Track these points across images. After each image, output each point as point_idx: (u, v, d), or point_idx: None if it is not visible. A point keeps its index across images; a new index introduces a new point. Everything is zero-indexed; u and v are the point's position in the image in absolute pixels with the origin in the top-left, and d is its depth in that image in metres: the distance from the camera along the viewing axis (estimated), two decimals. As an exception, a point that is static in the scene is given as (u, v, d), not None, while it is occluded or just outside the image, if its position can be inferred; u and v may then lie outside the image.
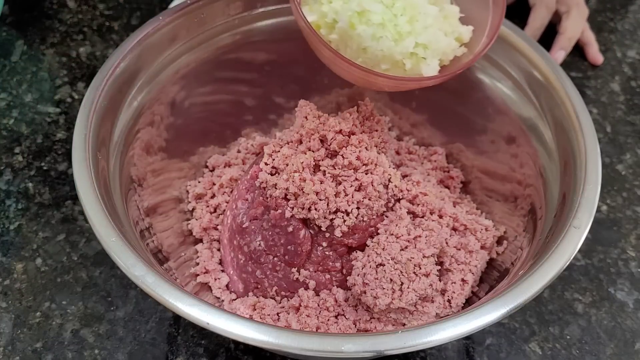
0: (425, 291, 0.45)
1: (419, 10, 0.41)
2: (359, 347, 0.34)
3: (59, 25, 0.74)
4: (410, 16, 0.41)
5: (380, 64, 0.42)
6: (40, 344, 0.50)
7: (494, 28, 0.43)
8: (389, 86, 0.45)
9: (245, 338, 0.35)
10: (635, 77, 0.73)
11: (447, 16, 0.44)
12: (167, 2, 0.76)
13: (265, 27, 0.56)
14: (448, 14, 0.44)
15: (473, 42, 0.44)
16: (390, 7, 0.41)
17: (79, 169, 0.42)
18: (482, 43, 0.43)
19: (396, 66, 0.42)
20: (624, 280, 0.56)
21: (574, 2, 0.73)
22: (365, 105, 0.49)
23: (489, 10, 0.44)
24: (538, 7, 0.73)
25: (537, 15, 0.72)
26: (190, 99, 0.55)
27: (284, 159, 0.46)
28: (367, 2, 0.40)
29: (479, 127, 0.56)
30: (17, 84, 0.68)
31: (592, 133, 0.45)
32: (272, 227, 0.47)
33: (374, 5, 0.40)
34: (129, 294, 0.53)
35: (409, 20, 0.41)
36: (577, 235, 0.40)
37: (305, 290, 0.47)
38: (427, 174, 0.57)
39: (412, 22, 0.41)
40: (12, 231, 0.57)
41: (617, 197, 0.62)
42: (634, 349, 0.52)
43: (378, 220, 0.46)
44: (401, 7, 0.41)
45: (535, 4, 0.73)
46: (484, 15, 0.44)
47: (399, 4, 0.41)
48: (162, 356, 0.50)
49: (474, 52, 0.43)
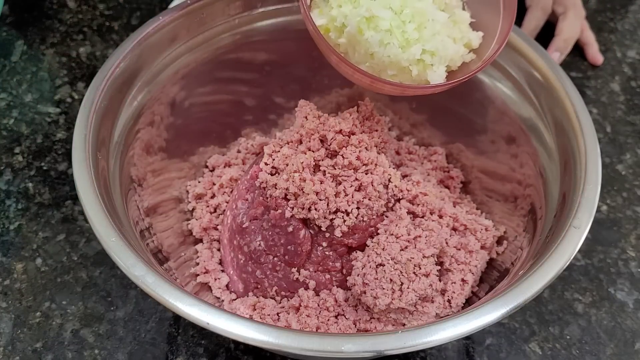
0: (425, 291, 0.45)
1: (427, 17, 0.41)
2: (359, 347, 0.34)
3: (59, 25, 0.74)
4: (419, 23, 0.41)
5: (387, 70, 0.42)
6: (40, 344, 0.50)
7: (504, 34, 0.42)
8: (395, 92, 0.45)
9: (245, 338, 0.35)
10: (635, 77, 0.73)
11: (457, 22, 0.43)
12: (167, 2, 0.76)
13: (265, 27, 0.56)
14: (458, 19, 0.44)
15: (482, 47, 0.44)
16: (399, 14, 0.40)
17: (79, 169, 0.42)
18: (492, 49, 0.43)
19: (403, 72, 0.42)
20: (624, 280, 0.56)
21: (571, 3, 0.72)
22: (365, 105, 0.49)
23: (499, 15, 0.43)
24: (533, 8, 0.73)
25: (532, 17, 0.73)
26: (190, 99, 0.55)
27: (284, 159, 0.46)
28: (376, 8, 0.40)
29: (479, 127, 0.56)
30: (17, 84, 0.68)
31: (592, 133, 0.45)
32: (272, 227, 0.47)
33: (382, 12, 0.40)
34: (129, 294, 0.53)
35: (417, 27, 0.41)
36: (577, 235, 0.40)
37: (305, 290, 0.47)
38: (427, 174, 0.57)
39: (420, 29, 0.41)
40: (12, 231, 0.57)
41: (617, 197, 0.62)
42: (634, 349, 0.52)
43: (378, 220, 0.46)
44: (410, 14, 0.41)
45: (530, 6, 0.73)
46: (494, 20, 0.44)
47: (407, 11, 0.40)
48: (162, 356, 0.50)
49: (483, 57, 0.43)
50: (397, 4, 0.40)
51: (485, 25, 0.44)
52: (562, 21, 0.72)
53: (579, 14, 0.73)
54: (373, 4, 0.40)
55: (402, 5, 0.41)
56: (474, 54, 0.44)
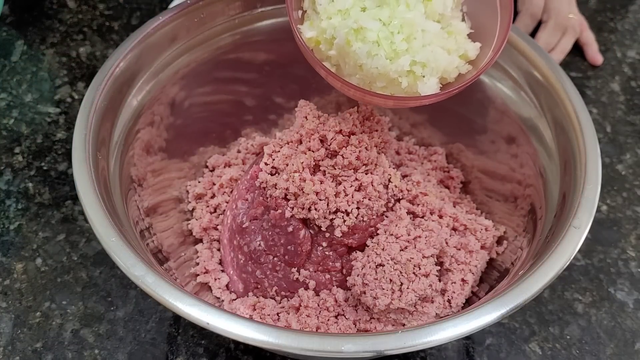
0: (424, 291, 0.45)
1: (416, 27, 0.40)
2: (359, 347, 0.34)
3: (59, 25, 0.74)
4: (408, 34, 0.40)
5: (376, 82, 0.41)
6: (40, 344, 0.50)
7: (500, 42, 0.41)
8: (388, 105, 0.44)
9: (245, 338, 0.35)
10: (635, 77, 0.73)
11: (453, 32, 0.42)
12: (167, 2, 0.76)
13: (265, 27, 0.56)
14: (455, 30, 0.42)
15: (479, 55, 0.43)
16: (387, 25, 0.40)
17: (79, 169, 0.42)
18: (488, 57, 0.42)
19: (392, 84, 0.41)
20: (624, 280, 0.56)
21: (555, 13, 0.73)
22: (365, 105, 0.49)
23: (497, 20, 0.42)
24: (523, 15, 0.74)
25: (521, 24, 0.73)
26: (190, 99, 0.55)
27: (284, 159, 0.46)
28: (364, 20, 0.39)
29: (479, 127, 0.56)
30: (17, 84, 0.68)
31: (592, 133, 0.45)
32: (272, 227, 0.47)
33: (370, 23, 0.39)
34: (129, 294, 0.53)
35: (406, 38, 0.40)
36: (577, 235, 0.40)
37: (305, 290, 0.47)
38: (427, 174, 0.57)
39: (409, 40, 0.40)
40: (12, 231, 0.57)
41: (617, 197, 0.62)
42: (634, 349, 0.52)
43: (378, 220, 0.46)
44: (398, 25, 0.40)
45: (520, 12, 0.74)
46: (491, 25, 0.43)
47: (396, 22, 0.40)
48: (162, 356, 0.50)
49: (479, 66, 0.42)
50: (386, 15, 0.40)
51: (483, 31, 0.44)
52: (541, 30, 0.73)
53: (560, 24, 0.73)
54: (362, 15, 0.40)
55: (390, 16, 0.40)
56: (470, 65, 0.43)
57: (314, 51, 0.43)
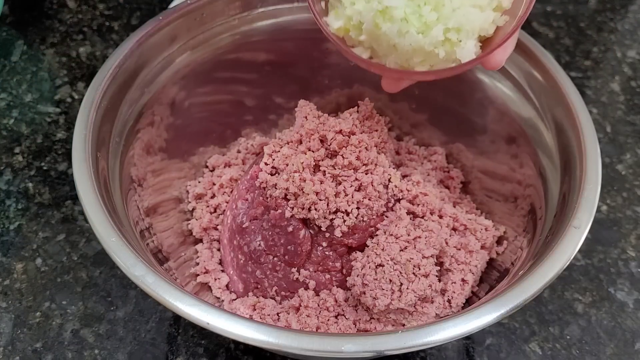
0: (424, 292, 0.45)
1: None
2: (359, 347, 0.34)
3: (59, 25, 0.74)
4: (435, 3, 0.39)
5: (413, 58, 0.40)
6: (40, 344, 0.50)
7: None
8: (428, 79, 0.43)
9: (245, 338, 0.35)
10: (635, 77, 0.73)
11: None
12: (167, 2, 0.76)
13: (265, 27, 0.56)
14: None
15: (515, 3, 0.41)
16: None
17: (79, 169, 0.42)
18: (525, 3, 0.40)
19: (430, 56, 0.40)
20: (624, 280, 0.56)
21: None
22: (365, 105, 0.49)
23: None
24: None
25: None
26: (190, 99, 0.55)
27: (284, 159, 0.46)
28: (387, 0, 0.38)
29: (479, 127, 0.56)
30: (17, 84, 0.68)
31: (592, 133, 0.45)
32: (272, 227, 0.47)
33: (394, 1, 0.38)
34: (129, 294, 0.53)
35: (434, 7, 0.39)
36: (577, 235, 0.40)
37: (305, 290, 0.47)
38: (427, 174, 0.57)
39: (438, 8, 0.39)
40: (12, 231, 0.57)
41: (617, 197, 0.62)
42: (634, 349, 0.52)
43: (378, 221, 0.46)
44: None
45: None
46: None
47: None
48: (162, 356, 0.50)
49: (516, 14, 0.40)
50: None
51: None
52: None
53: None
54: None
55: None
56: (507, 16, 0.41)
57: (345, 39, 0.42)
